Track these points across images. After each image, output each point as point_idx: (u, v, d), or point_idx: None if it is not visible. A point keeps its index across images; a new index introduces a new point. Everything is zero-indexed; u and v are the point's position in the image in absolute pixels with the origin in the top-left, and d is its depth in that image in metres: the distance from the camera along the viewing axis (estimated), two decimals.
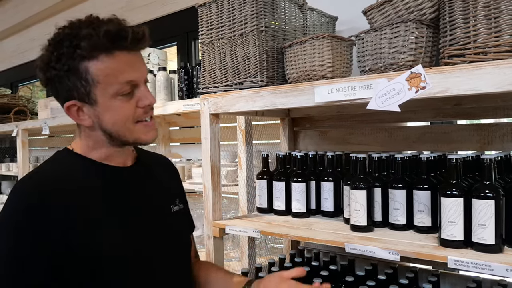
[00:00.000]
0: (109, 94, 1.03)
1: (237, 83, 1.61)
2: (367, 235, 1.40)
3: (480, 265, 1.09)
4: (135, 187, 1.17)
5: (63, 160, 1.13)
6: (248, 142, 2.06)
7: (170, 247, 1.19)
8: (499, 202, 1.16)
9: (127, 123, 1.06)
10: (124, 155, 1.17)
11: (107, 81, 1.02)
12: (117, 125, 1.06)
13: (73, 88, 1.03)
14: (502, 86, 1.03)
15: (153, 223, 1.17)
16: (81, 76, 1.01)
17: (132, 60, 1.05)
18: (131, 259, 1.07)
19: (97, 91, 1.02)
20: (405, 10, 1.31)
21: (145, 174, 1.23)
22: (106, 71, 1.02)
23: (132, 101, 1.06)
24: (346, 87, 1.26)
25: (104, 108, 1.04)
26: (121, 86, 1.03)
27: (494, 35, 1.10)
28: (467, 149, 1.72)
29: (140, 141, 1.11)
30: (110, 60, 1.02)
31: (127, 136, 1.08)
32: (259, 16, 1.52)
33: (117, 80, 1.02)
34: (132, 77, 1.04)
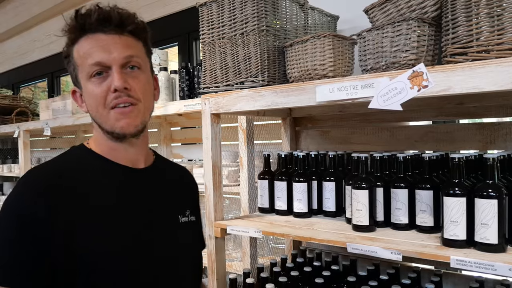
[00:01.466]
0: (84, 76, 1.04)
1: (238, 82, 1.60)
2: (369, 235, 1.40)
3: (483, 265, 1.08)
4: (142, 192, 1.12)
5: (71, 154, 1.13)
6: (249, 142, 2.05)
7: (172, 262, 1.12)
8: (502, 202, 1.15)
9: (99, 108, 1.03)
10: (127, 154, 1.11)
11: (80, 63, 1.04)
12: (93, 109, 1.05)
13: (71, 73, 1.08)
14: (505, 84, 1.02)
15: (155, 232, 1.10)
16: (70, 60, 1.06)
17: (105, 42, 1.02)
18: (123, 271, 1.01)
19: (79, 74, 1.05)
20: (407, 8, 1.30)
21: (155, 180, 1.17)
22: (80, 53, 1.03)
23: (104, 84, 1.02)
24: (348, 86, 1.25)
25: (85, 92, 1.05)
26: (90, 68, 1.02)
27: (497, 33, 1.09)
28: (469, 149, 1.71)
29: (115, 130, 1.04)
30: (84, 42, 1.03)
31: (104, 124, 1.05)
32: (260, 16, 1.51)
33: (86, 61, 1.02)
34: (101, 58, 1.01)
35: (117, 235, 1.02)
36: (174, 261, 1.13)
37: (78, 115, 3.10)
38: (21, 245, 0.93)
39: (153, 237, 1.09)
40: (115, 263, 1.00)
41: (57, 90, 5.15)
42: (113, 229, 1.02)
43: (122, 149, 1.10)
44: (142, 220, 1.08)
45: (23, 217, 0.94)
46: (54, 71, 5.03)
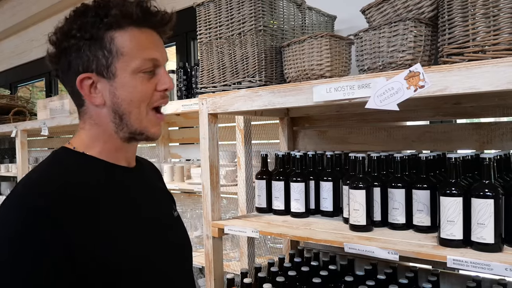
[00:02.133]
0: (130, 68, 0.96)
1: (236, 82, 1.60)
2: (366, 234, 1.40)
3: (480, 265, 1.09)
4: (142, 191, 1.09)
5: (64, 159, 1.00)
6: (247, 142, 2.05)
7: (181, 256, 1.13)
8: (498, 201, 1.16)
9: (142, 106, 0.98)
10: (128, 153, 1.07)
11: (132, 54, 0.96)
12: (132, 105, 0.97)
13: (92, 59, 0.95)
14: (500, 84, 1.03)
15: (164, 231, 1.09)
16: (104, 45, 0.95)
17: (157, 41, 1.01)
18: (145, 271, 0.97)
19: (119, 63, 0.95)
20: (403, 8, 1.31)
21: (147, 177, 1.16)
22: (132, 44, 0.96)
23: (151, 81, 0.99)
24: (345, 86, 1.25)
25: (122, 83, 0.96)
26: (144, 62, 0.97)
27: (493, 34, 1.10)
28: (466, 148, 1.71)
29: (147, 133, 1.01)
30: (138, 33, 0.97)
31: (137, 122, 0.99)
32: (257, 16, 1.51)
33: (142, 54, 0.96)
34: (156, 56, 0.99)
35: (137, 238, 0.98)
36: (184, 255, 1.15)
37: (75, 114, 3.09)
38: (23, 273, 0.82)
39: (168, 235, 1.09)
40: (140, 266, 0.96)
41: (54, 90, 5.14)
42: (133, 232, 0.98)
43: (125, 150, 1.05)
44: (153, 219, 1.07)
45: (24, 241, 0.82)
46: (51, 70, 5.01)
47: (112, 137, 1.01)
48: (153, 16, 0.98)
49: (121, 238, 0.94)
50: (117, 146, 1.02)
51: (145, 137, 1.02)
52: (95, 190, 0.95)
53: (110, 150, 1.02)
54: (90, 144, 1.01)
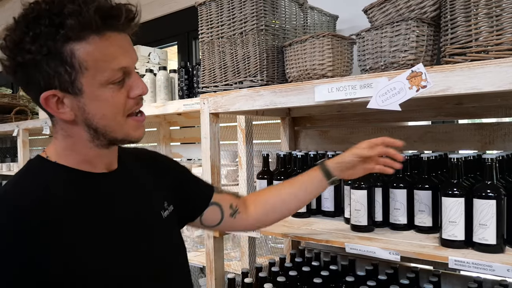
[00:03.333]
0: (98, 82, 0.88)
1: (237, 82, 1.60)
2: (368, 235, 1.40)
3: (481, 266, 1.08)
4: (120, 197, 1.01)
5: (37, 171, 0.95)
6: (248, 141, 2.05)
7: (168, 263, 1.06)
8: (500, 202, 1.15)
9: (118, 117, 0.92)
10: (108, 158, 1.01)
11: (97, 67, 0.87)
12: (106, 118, 0.91)
13: (53, 76, 0.86)
14: (503, 85, 1.02)
15: (145, 238, 1.02)
16: (65, 60, 0.85)
17: (124, 43, 0.92)
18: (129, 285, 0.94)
19: (84, 78, 0.87)
20: (406, 8, 1.30)
21: (130, 179, 1.08)
22: (96, 55, 0.87)
23: (123, 90, 0.92)
24: (347, 86, 1.25)
25: (91, 98, 0.89)
26: (113, 73, 0.89)
27: (496, 34, 1.09)
28: (468, 149, 1.71)
29: (130, 138, 0.97)
30: (102, 42, 0.87)
31: (116, 132, 0.94)
32: (259, 15, 1.51)
33: (109, 66, 0.88)
34: (125, 63, 0.91)
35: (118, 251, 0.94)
36: (171, 262, 1.08)
37: None
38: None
39: (151, 243, 1.02)
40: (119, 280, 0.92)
41: None
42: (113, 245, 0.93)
43: (104, 156, 0.99)
44: (135, 227, 1.00)
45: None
46: None
47: (86, 147, 0.95)
48: (115, 19, 0.88)
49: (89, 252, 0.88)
50: (93, 154, 0.97)
51: (127, 142, 0.98)
52: (62, 204, 0.90)
53: (84, 159, 0.96)
54: (63, 154, 0.96)
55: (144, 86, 0.95)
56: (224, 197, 1.30)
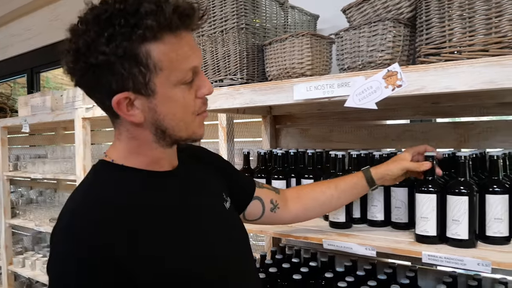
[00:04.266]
0: (171, 82, 0.87)
1: (217, 80, 1.61)
2: (345, 231, 1.42)
3: (453, 260, 1.11)
4: (189, 193, 1.02)
5: (107, 177, 0.95)
6: (229, 139, 2.06)
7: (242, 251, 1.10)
8: (472, 198, 1.19)
9: (187, 116, 0.92)
10: (171, 156, 1.02)
11: (171, 67, 0.86)
12: (176, 118, 0.91)
13: (127, 77, 0.84)
14: (475, 84, 1.05)
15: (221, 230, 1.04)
16: (140, 61, 0.84)
17: (193, 42, 0.91)
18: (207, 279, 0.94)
19: (158, 79, 0.86)
20: (383, 9, 1.33)
21: (192, 175, 1.07)
22: (172, 56, 0.86)
23: (192, 90, 0.92)
24: (324, 85, 1.27)
25: (164, 99, 0.88)
26: (186, 73, 0.89)
27: (469, 35, 1.12)
28: (445, 147, 1.75)
29: (195, 137, 0.96)
30: (177, 42, 0.86)
31: (183, 131, 0.93)
32: (239, 14, 1.52)
33: (182, 66, 0.88)
34: (196, 63, 0.90)
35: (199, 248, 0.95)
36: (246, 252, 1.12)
37: (57, 111, 3.06)
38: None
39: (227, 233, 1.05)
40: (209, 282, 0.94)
41: (36, 86, 5.06)
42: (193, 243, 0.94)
43: (167, 155, 0.99)
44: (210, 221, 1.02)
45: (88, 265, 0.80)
46: (33, 66, 4.95)
47: (151, 148, 0.95)
48: (190, 18, 0.88)
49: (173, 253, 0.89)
50: (158, 154, 0.97)
51: (191, 141, 0.98)
52: (142, 208, 0.89)
53: (151, 160, 0.96)
54: (129, 157, 0.95)
55: (211, 86, 0.95)
56: (265, 192, 1.32)
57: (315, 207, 1.36)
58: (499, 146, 1.61)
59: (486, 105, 1.62)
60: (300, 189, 1.42)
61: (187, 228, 0.95)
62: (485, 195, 1.22)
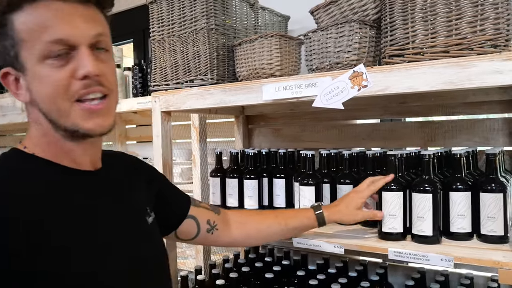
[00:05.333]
0: (35, 56, 0.79)
1: (188, 80, 1.60)
2: (315, 229, 1.44)
3: (418, 256, 1.14)
4: (106, 198, 0.93)
5: (14, 166, 0.85)
6: (202, 140, 2.06)
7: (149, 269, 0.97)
8: (436, 196, 1.22)
9: (59, 100, 0.80)
10: (93, 154, 0.93)
11: (31, 38, 0.79)
12: (47, 101, 0.81)
13: (3, 51, 0.81)
14: (436, 85, 1.08)
15: (133, 241, 0.94)
16: (6, 33, 0.79)
17: (69, 13, 0.80)
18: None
19: (23, 51, 0.80)
20: (349, 10, 1.35)
21: (115, 181, 0.99)
22: (29, 25, 0.78)
23: (66, 68, 0.80)
24: (293, 85, 1.28)
25: (32, 76, 0.80)
26: (47, 46, 0.78)
27: (431, 37, 1.15)
28: (412, 146, 1.79)
29: (79, 129, 0.83)
30: (36, 11, 0.79)
31: (61, 119, 0.82)
32: (209, 14, 1.52)
33: (42, 37, 0.78)
34: (63, 34, 0.79)
35: (111, 256, 0.87)
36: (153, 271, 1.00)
37: None
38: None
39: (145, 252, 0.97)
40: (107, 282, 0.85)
41: None
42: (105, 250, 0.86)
43: (81, 150, 0.89)
44: (122, 230, 0.93)
45: None
46: None
47: (54, 137, 0.86)
48: None
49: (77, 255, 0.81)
50: (67, 147, 0.87)
51: (82, 135, 0.85)
52: (45, 203, 0.81)
53: (61, 151, 0.87)
54: (39, 144, 0.87)
55: (92, 65, 0.80)
56: (201, 211, 1.24)
57: (257, 238, 1.34)
58: (464, 145, 1.66)
59: (450, 104, 1.66)
60: (246, 216, 1.35)
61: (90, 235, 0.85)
62: (448, 193, 1.25)
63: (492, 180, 1.22)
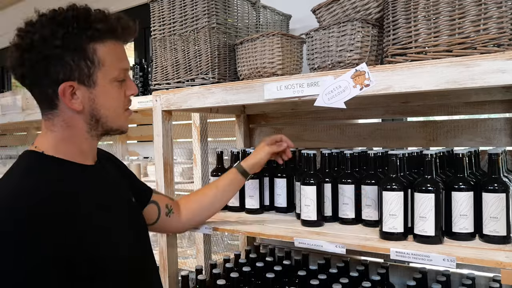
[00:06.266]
0: (109, 78, 1.07)
1: (189, 79, 1.60)
2: (317, 229, 1.43)
3: (420, 256, 1.14)
4: (108, 186, 1.18)
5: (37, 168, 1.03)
6: (203, 139, 2.06)
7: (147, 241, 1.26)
8: (439, 196, 1.21)
9: (118, 109, 1.12)
10: (94, 151, 1.18)
11: (111, 65, 1.07)
12: (110, 109, 1.09)
13: (75, 69, 1.02)
14: (439, 84, 1.08)
15: (134, 220, 1.23)
16: (87, 56, 1.03)
17: (124, 51, 1.13)
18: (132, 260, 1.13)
19: (100, 73, 1.05)
20: (352, 9, 1.34)
21: (107, 171, 1.22)
22: (111, 56, 1.06)
23: (122, 88, 1.12)
24: (295, 84, 1.28)
25: (102, 91, 1.07)
26: (119, 72, 1.09)
27: (433, 36, 1.15)
28: (414, 145, 1.78)
29: (122, 129, 1.15)
30: (115, 47, 1.08)
31: (114, 123, 1.12)
32: (210, 13, 1.51)
33: (118, 65, 1.08)
34: (127, 66, 1.12)
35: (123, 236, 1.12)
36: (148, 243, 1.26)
37: (28, 111, 3.00)
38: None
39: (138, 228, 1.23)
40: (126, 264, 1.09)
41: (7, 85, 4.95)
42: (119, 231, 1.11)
43: (92, 149, 1.15)
44: (128, 215, 1.19)
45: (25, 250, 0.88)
46: (4, 65, 4.83)
47: (83, 137, 1.10)
48: (127, 31, 1.09)
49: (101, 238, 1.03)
50: (86, 146, 1.11)
51: (119, 132, 1.16)
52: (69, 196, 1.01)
53: (79, 151, 1.10)
54: (60, 146, 1.07)
55: (136, 88, 1.16)
56: (161, 197, 1.47)
57: (202, 209, 1.52)
58: (467, 145, 1.65)
59: (452, 104, 1.66)
60: (187, 196, 1.56)
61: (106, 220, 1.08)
62: (451, 192, 1.25)
63: (495, 180, 1.21)
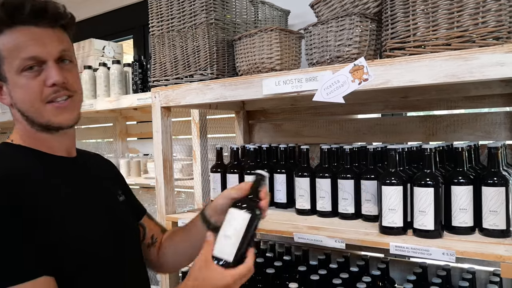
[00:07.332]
0: (14, 70, 1.00)
1: (188, 75, 1.60)
2: (316, 224, 1.43)
3: (419, 250, 1.14)
4: (82, 179, 1.12)
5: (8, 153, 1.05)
6: (202, 135, 2.05)
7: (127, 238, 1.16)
8: (438, 190, 1.21)
9: (35, 103, 1.01)
10: (66, 144, 1.12)
11: (10, 56, 1.00)
12: (25, 104, 1.02)
13: None
14: (438, 78, 1.08)
15: (111, 214, 1.13)
16: None
17: (39, 35, 1.02)
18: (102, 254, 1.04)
19: (5, 66, 1.01)
20: (350, 3, 1.34)
21: (88, 167, 1.19)
22: (9, 46, 0.99)
23: (39, 78, 1.01)
24: (293, 79, 1.28)
25: (13, 85, 1.01)
26: (23, 62, 0.99)
27: (432, 29, 1.14)
28: (414, 140, 1.78)
29: (52, 124, 1.04)
30: (13, 34, 1.00)
31: (38, 118, 1.03)
32: (208, 9, 1.51)
33: (19, 55, 0.99)
34: (35, 53, 1.00)
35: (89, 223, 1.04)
36: (131, 237, 1.19)
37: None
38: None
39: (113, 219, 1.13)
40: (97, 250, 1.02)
41: None
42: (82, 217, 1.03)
43: (56, 140, 1.08)
44: (99, 205, 1.11)
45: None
46: None
47: (31, 131, 1.05)
48: (18, 12, 0.99)
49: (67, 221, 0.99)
50: (43, 137, 1.06)
51: (53, 128, 1.05)
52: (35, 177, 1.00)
53: (39, 142, 1.06)
54: (24, 137, 1.06)
55: (59, 76, 1.02)
56: (151, 224, 1.34)
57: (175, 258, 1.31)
58: (466, 139, 1.65)
59: (452, 98, 1.65)
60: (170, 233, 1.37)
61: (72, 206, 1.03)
62: (450, 187, 1.25)
63: (494, 174, 1.21)
